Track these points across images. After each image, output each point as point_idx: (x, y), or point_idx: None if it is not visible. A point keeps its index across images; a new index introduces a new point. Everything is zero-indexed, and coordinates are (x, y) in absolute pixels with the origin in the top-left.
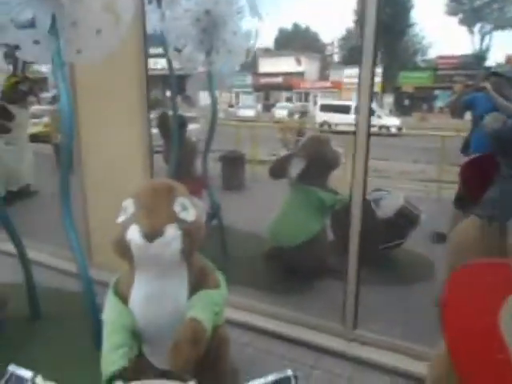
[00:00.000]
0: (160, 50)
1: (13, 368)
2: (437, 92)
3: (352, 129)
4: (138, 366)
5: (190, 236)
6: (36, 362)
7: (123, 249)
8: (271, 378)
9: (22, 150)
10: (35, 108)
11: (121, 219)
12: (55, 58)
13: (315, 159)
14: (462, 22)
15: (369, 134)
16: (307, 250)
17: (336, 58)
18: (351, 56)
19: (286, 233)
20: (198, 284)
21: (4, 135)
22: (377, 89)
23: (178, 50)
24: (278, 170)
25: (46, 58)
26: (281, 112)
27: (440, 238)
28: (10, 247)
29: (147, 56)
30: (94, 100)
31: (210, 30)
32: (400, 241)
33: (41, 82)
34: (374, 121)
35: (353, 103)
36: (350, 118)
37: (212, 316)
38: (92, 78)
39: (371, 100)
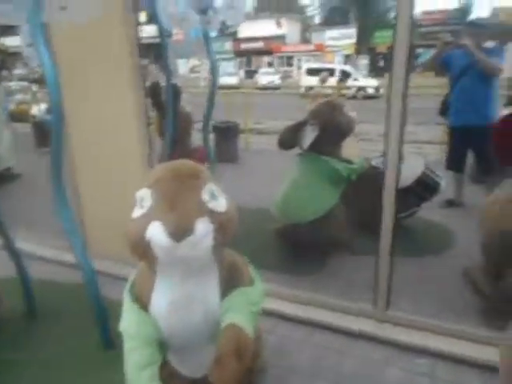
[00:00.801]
0: None
1: None
2: (420, 50)
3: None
4: (164, 376)
5: (223, 230)
6: (37, 365)
7: (143, 249)
8: None
9: (0, 130)
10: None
11: (137, 214)
12: (33, 16)
13: (329, 126)
14: None
15: (405, 96)
16: (322, 225)
17: (317, 19)
18: (333, 17)
19: (299, 209)
20: (230, 282)
21: None
22: (350, 51)
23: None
24: (289, 139)
25: (22, 17)
26: (263, 78)
27: (449, 204)
28: None
29: (138, 20)
30: (78, 72)
31: None
32: (416, 209)
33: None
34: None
35: (337, 66)
36: (335, 80)
37: (251, 317)
38: (74, 47)
39: (409, 57)
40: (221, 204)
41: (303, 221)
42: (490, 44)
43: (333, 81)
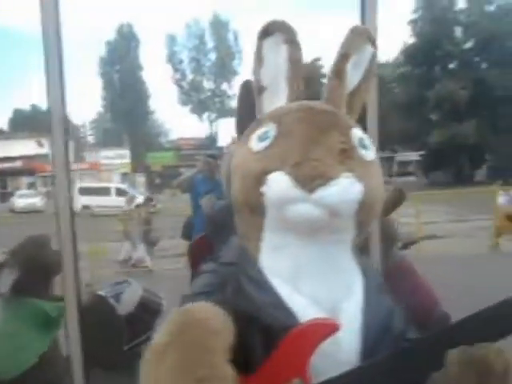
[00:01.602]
0: None
1: None
2: (183, 170)
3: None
4: None
5: None
6: None
7: None
8: None
9: None
10: None
11: None
12: None
13: (32, 265)
14: (192, 111)
15: (72, 215)
16: (37, 375)
17: (91, 139)
18: (106, 138)
19: (4, 362)
20: None
21: None
22: (127, 170)
23: None
24: None
25: None
26: (21, 201)
27: None
28: None
29: None
30: None
31: None
32: (149, 334)
33: None
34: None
35: (113, 184)
36: (112, 199)
37: None
38: None
39: (68, 177)
40: None
41: (7, 378)
42: None
43: (109, 200)
